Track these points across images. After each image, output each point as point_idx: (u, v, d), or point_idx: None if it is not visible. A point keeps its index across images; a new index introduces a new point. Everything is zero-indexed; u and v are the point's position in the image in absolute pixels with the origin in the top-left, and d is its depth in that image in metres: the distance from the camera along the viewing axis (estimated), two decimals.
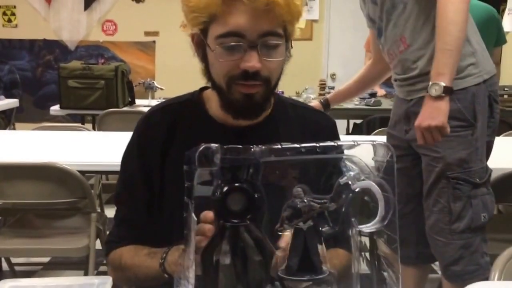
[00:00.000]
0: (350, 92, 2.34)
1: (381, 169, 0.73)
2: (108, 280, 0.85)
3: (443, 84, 1.62)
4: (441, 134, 1.65)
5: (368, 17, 2.04)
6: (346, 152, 0.73)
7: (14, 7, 5.93)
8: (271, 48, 1.02)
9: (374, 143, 0.73)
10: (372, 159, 0.74)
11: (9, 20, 5.95)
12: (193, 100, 1.16)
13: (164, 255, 0.99)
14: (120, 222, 1.16)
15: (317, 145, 0.70)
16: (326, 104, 2.31)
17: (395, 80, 1.98)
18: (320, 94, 4.88)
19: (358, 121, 4.84)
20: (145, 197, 1.12)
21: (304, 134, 1.16)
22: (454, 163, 1.77)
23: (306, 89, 4.77)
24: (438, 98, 1.63)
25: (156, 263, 1.00)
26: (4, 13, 5.94)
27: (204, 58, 1.07)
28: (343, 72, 5.77)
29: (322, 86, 5.09)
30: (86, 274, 2.28)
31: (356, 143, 0.72)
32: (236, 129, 1.11)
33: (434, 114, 1.64)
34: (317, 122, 1.20)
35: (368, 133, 3.66)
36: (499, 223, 2.54)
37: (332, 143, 0.71)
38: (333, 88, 4.86)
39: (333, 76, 5.92)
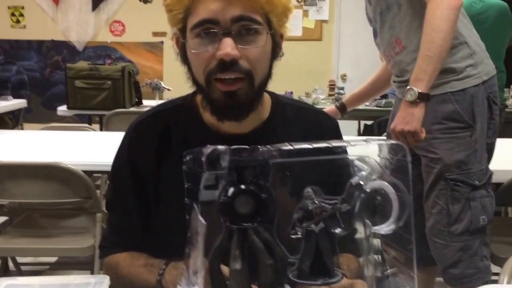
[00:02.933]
0: (364, 95, 2.33)
1: (392, 168, 0.70)
2: (105, 280, 0.83)
3: (418, 90, 1.62)
4: (415, 139, 1.65)
5: (367, 16, 2.04)
6: (358, 151, 0.70)
7: (23, 7, 5.95)
8: (248, 34, 0.96)
9: (387, 142, 0.71)
10: (378, 155, 0.71)
11: (18, 21, 5.98)
12: (186, 105, 1.11)
13: (161, 271, 0.96)
14: (113, 229, 1.14)
15: (330, 145, 0.67)
16: (342, 107, 2.31)
17: (394, 82, 1.97)
18: (330, 95, 4.86)
19: (369, 122, 4.80)
20: (137, 205, 1.09)
21: (305, 136, 1.10)
22: (452, 165, 1.76)
23: (315, 89, 4.75)
24: (413, 103, 1.64)
25: (152, 278, 0.97)
26: (13, 14, 5.96)
27: (185, 60, 1.03)
28: (354, 73, 5.73)
29: (332, 87, 5.07)
30: (91, 274, 2.28)
31: (368, 142, 0.69)
32: (231, 136, 1.05)
33: (408, 119, 1.64)
34: (319, 123, 1.15)
35: (380, 134, 3.64)
36: (508, 226, 2.54)
37: (345, 143, 0.68)
38: (342, 88, 4.83)
39: (343, 77, 5.89)
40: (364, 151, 0.70)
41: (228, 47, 0.93)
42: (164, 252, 1.02)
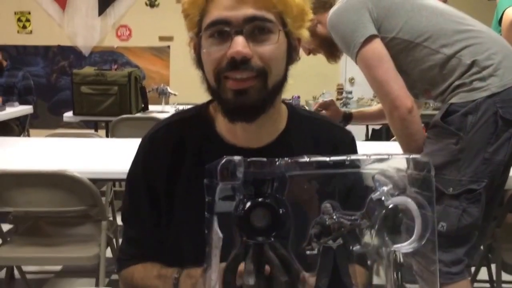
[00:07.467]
0: (375, 115, 2.33)
1: (416, 183, 0.67)
2: None
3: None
4: None
5: None
6: (378, 165, 0.67)
7: (29, 13, 5.96)
8: (261, 34, 0.95)
9: (410, 156, 0.68)
10: (406, 172, 0.68)
11: (24, 26, 5.98)
12: (201, 116, 1.10)
13: (175, 281, 0.97)
14: (129, 241, 1.14)
15: (347, 158, 0.66)
16: (348, 117, 2.33)
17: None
18: (338, 99, 4.83)
19: (377, 127, 4.75)
20: (152, 218, 1.08)
21: (319, 150, 1.05)
22: None
23: (323, 93, 4.72)
24: None
25: None
26: (19, 19, 5.97)
27: (200, 64, 1.01)
28: (362, 76, 5.61)
29: (340, 90, 5.04)
30: (97, 282, 2.26)
31: (389, 157, 0.67)
32: (247, 151, 1.04)
33: None
34: (334, 137, 1.13)
35: (388, 139, 3.60)
36: None
37: (364, 156, 0.67)
38: (350, 92, 4.80)
39: (351, 81, 5.85)
40: (387, 165, 0.68)
41: (239, 45, 0.92)
42: (178, 264, 1.01)
